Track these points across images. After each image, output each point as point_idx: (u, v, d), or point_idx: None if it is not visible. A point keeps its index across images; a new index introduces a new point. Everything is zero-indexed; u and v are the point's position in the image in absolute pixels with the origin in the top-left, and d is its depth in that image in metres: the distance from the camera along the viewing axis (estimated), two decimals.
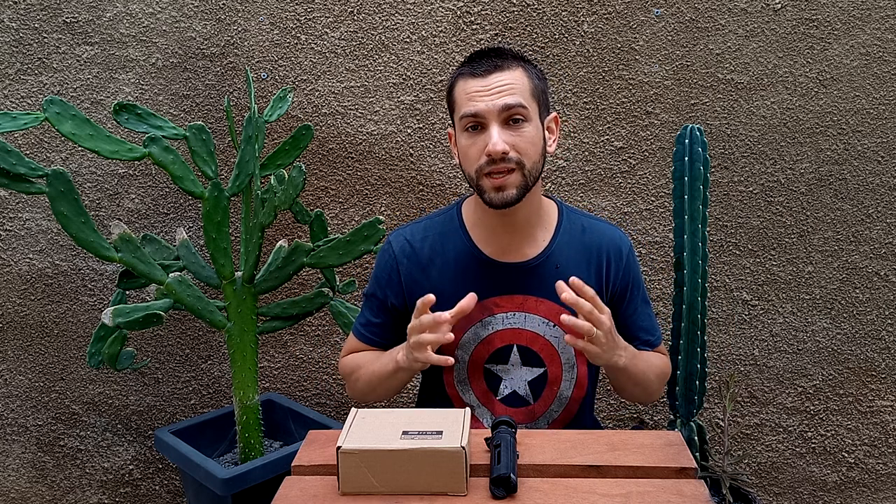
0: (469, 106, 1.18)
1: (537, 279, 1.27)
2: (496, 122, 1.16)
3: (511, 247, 1.28)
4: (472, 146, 1.19)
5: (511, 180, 1.18)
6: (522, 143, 1.18)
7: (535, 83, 1.22)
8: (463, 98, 1.20)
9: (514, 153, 1.17)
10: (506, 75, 1.18)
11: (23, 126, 1.53)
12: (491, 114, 1.16)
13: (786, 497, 2.10)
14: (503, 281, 1.28)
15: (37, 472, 2.17)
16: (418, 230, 1.33)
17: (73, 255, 2.06)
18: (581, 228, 1.32)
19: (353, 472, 0.88)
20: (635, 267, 1.36)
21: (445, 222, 1.33)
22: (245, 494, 1.62)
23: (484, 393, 1.32)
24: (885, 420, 2.04)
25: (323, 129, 2.01)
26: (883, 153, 1.93)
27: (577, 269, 1.28)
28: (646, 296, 1.40)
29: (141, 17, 1.97)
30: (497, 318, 1.28)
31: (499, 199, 1.19)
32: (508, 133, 1.17)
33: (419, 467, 0.88)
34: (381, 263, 1.35)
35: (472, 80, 1.19)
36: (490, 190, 1.19)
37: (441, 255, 1.30)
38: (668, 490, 0.93)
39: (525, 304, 1.28)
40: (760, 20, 1.89)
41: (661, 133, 1.96)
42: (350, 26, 1.96)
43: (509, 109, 1.16)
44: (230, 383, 2.08)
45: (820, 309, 2.00)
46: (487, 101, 1.16)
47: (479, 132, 1.18)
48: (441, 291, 1.22)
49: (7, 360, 2.12)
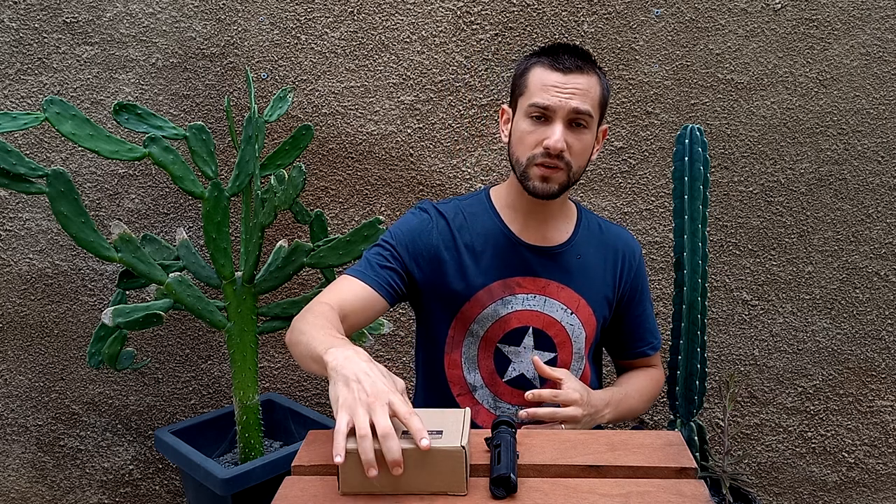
0: (542, 97, 1.21)
1: (561, 266, 1.32)
2: (561, 120, 1.21)
3: (538, 232, 1.33)
4: (532, 134, 1.23)
5: (557, 176, 1.23)
6: (578, 147, 1.23)
7: (604, 94, 1.27)
8: (538, 87, 1.23)
9: (567, 155, 1.22)
10: (584, 79, 1.22)
11: (23, 126, 1.53)
12: (561, 111, 1.21)
13: (786, 497, 2.10)
14: (528, 262, 1.31)
15: (37, 472, 2.17)
16: (449, 207, 1.35)
17: (73, 255, 2.06)
18: (598, 227, 1.40)
19: (353, 471, 0.86)
20: (644, 269, 1.44)
21: (475, 203, 1.37)
22: (245, 494, 1.62)
23: (490, 374, 1.33)
24: (885, 420, 2.04)
25: (323, 129, 2.01)
26: (883, 153, 1.93)
27: (596, 262, 1.35)
28: (650, 299, 1.46)
29: (141, 17, 1.97)
30: (518, 299, 1.31)
31: (542, 189, 1.24)
32: (569, 134, 1.22)
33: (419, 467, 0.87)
34: (416, 220, 1.32)
35: (552, 72, 1.22)
36: (536, 178, 1.23)
37: (470, 230, 1.32)
38: (668, 490, 0.93)
39: (547, 289, 1.32)
40: (760, 20, 1.89)
41: (661, 133, 1.96)
42: (350, 26, 1.96)
43: (578, 114, 1.21)
44: (230, 383, 2.08)
45: (820, 309, 2.00)
46: (562, 98, 1.20)
47: (543, 123, 1.22)
48: (468, 266, 1.29)
49: (7, 360, 2.12)
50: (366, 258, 1.30)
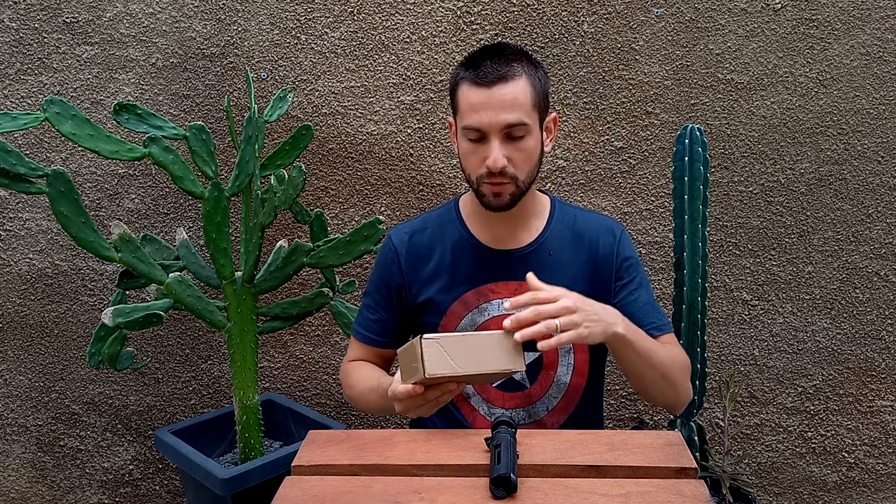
0: (472, 118, 1.19)
1: (532, 265, 1.29)
2: (497, 137, 1.19)
3: (506, 235, 1.32)
4: (473, 154, 1.23)
5: (506, 189, 1.22)
6: (520, 157, 1.21)
7: (538, 90, 1.22)
8: (466, 106, 1.21)
9: (511, 168, 1.20)
10: (509, 88, 1.18)
11: (23, 126, 1.53)
12: (493, 129, 1.18)
13: (786, 497, 2.10)
14: (498, 268, 1.31)
15: (37, 472, 2.17)
16: (417, 223, 1.39)
17: (73, 255, 2.06)
18: (573, 218, 1.36)
19: (435, 357, 1.03)
20: (630, 248, 1.35)
21: (443, 214, 1.38)
22: (245, 494, 1.62)
23: None
24: (885, 420, 2.04)
25: (323, 129, 2.01)
26: (883, 153, 1.93)
27: (570, 255, 1.31)
28: (645, 281, 1.36)
29: (141, 17, 1.97)
30: (493, 305, 1.31)
31: (495, 203, 1.24)
32: (508, 147, 1.20)
33: (487, 348, 1.05)
34: (382, 257, 1.38)
35: (475, 88, 1.19)
36: (488, 195, 1.23)
37: (440, 244, 1.34)
38: (668, 490, 0.93)
39: (520, 290, 1.28)
40: (760, 20, 1.89)
41: (661, 133, 1.96)
42: (350, 26, 1.96)
43: (510, 127, 1.19)
44: (230, 383, 2.08)
45: (820, 309, 2.00)
46: (490, 116, 1.18)
47: (481, 143, 1.21)
48: (439, 279, 1.31)
49: (7, 360, 2.12)
50: (361, 310, 1.41)
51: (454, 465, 1.00)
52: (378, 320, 1.37)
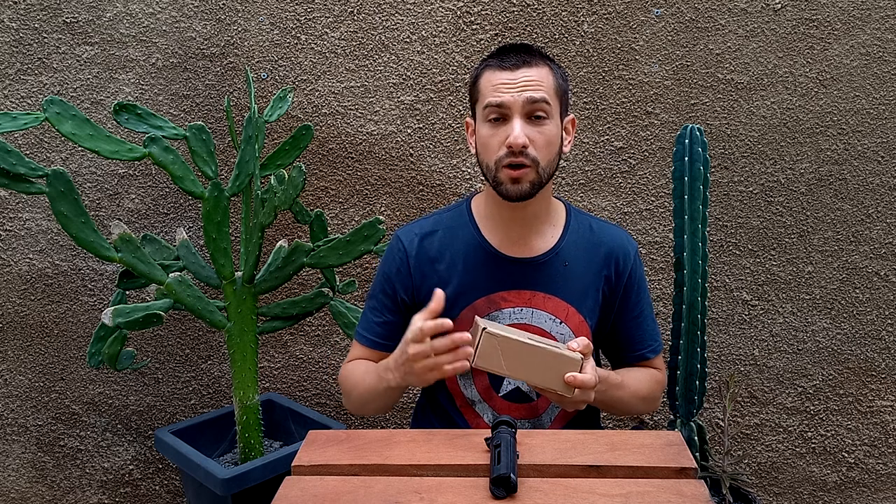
0: (494, 96, 1.19)
1: (546, 276, 1.28)
2: (519, 116, 1.18)
3: (520, 241, 1.29)
4: (493, 136, 1.21)
5: (526, 175, 1.19)
6: (541, 139, 1.19)
7: (560, 83, 1.23)
8: (488, 88, 1.21)
9: (532, 150, 1.18)
10: (533, 71, 1.19)
11: (23, 126, 1.53)
12: (515, 106, 1.18)
13: (786, 497, 2.10)
14: (511, 275, 1.28)
15: (37, 472, 2.17)
16: (427, 224, 1.34)
17: (73, 255, 2.06)
18: (589, 228, 1.34)
19: (488, 351, 1.03)
20: (640, 270, 1.37)
21: (455, 217, 1.34)
22: (245, 494, 1.62)
23: (486, 389, 1.32)
24: (885, 420, 2.04)
25: (323, 129, 2.01)
26: (883, 153, 1.93)
27: (585, 268, 1.30)
28: (649, 300, 1.40)
29: (141, 17, 1.97)
30: (504, 313, 1.29)
31: (514, 191, 1.20)
32: (530, 128, 1.19)
33: (542, 363, 1.05)
34: (389, 258, 1.35)
35: (499, 71, 1.20)
36: (507, 181, 1.20)
37: (450, 248, 1.31)
38: (668, 490, 0.93)
39: (533, 300, 1.29)
40: (760, 20, 1.89)
41: (661, 133, 1.96)
42: (350, 26, 1.96)
43: (534, 104, 1.18)
44: (230, 383, 2.08)
45: (820, 309, 2.00)
46: (514, 93, 1.18)
47: (501, 123, 1.20)
48: (450, 285, 1.27)
49: (7, 360, 2.12)
50: (364, 312, 1.38)
51: (454, 465, 1.00)
52: (383, 323, 1.34)
